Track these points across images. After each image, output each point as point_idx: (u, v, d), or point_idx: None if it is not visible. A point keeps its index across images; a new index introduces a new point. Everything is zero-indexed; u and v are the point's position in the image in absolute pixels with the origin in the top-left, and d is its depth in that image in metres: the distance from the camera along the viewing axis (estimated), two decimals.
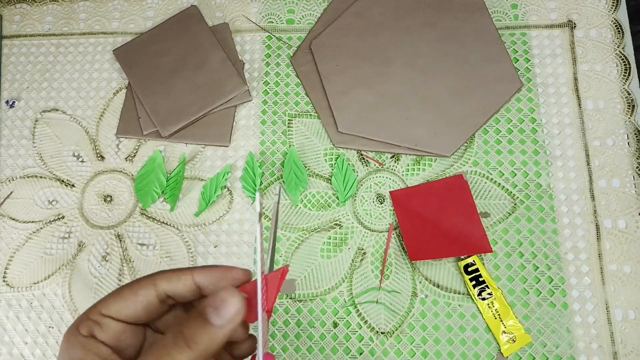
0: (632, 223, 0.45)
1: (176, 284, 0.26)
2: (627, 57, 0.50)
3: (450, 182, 0.46)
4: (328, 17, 0.53)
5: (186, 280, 0.26)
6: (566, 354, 0.42)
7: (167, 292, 0.26)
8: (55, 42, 0.55)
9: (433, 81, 0.49)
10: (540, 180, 0.47)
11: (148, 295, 0.26)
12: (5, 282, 0.47)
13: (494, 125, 0.49)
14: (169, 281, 0.26)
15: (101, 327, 0.25)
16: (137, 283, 0.26)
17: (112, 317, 0.25)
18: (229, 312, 0.23)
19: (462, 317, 0.44)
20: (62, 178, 0.50)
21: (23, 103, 0.53)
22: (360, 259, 0.46)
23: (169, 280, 0.26)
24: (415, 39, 0.50)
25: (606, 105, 0.49)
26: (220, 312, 0.23)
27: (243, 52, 0.53)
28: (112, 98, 0.52)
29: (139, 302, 0.25)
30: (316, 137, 0.50)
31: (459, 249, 0.44)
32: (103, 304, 0.25)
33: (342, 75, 0.50)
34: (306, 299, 0.45)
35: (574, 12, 0.52)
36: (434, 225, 0.45)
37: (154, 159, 0.49)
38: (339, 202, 0.47)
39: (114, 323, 0.25)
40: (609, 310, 0.43)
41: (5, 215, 0.49)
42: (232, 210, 0.48)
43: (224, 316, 0.23)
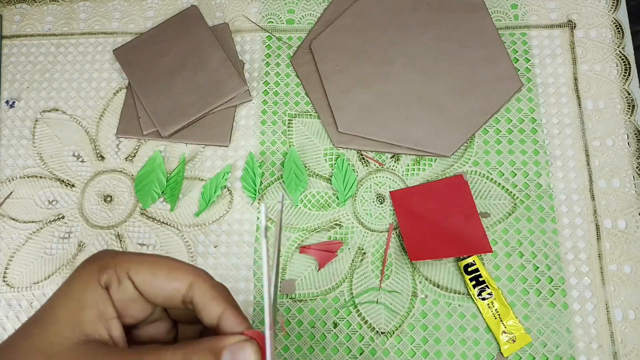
0: (632, 223, 0.45)
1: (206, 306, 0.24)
2: (627, 57, 0.50)
3: (450, 182, 0.46)
4: (328, 17, 0.53)
5: (216, 310, 0.24)
6: (566, 354, 0.42)
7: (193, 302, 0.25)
8: (55, 42, 0.55)
9: (433, 81, 0.49)
10: (540, 180, 0.47)
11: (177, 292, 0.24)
12: (5, 282, 0.47)
13: (494, 125, 0.49)
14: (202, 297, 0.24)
15: (119, 286, 0.24)
16: (176, 270, 0.24)
17: (134, 283, 0.24)
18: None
19: (462, 317, 0.44)
20: (62, 178, 0.50)
21: (23, 103, 0.53)
22: (360, 259, 0.46)
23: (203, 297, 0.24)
24: (415, 39, 0.50)
25: (606, 105, 0.49)
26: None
27: (243, 52, 0.53)
28: (112, 98, 0.52)
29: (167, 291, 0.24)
30: (316, 137, 0.50)
31: (459, 249, 0.44)
32: (135, 267, 0.24)
33: (342, 75, 0.50)
34: (306, 299, 0.45)
35: (574, 12, 0.52)
36: (434, 225, 0.45)
37: (154, 159, 0.49)
38: (339, 202, 0.47)
39: (133, 290, 0.24)
40: (609, 310, 0.43)
41: (5, 215, 0.49)
42: (232, 210, 0.48)
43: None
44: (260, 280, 0.46)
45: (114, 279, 0.24)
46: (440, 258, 0.44)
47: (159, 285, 0.24)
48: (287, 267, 0.46)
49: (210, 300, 0.24)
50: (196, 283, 0.24)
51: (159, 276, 0.24)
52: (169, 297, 0.25)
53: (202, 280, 0.25)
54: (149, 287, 0.24)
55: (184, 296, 0.25)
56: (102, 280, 0.23)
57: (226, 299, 0.25)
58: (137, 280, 0.24)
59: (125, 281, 0.24)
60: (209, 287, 0.24)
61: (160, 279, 0.24)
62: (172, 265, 0.25)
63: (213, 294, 0.24)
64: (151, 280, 0.24)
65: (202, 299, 0.24)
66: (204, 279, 0.25)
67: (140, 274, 0.24)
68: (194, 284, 0.24)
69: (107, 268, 0.24)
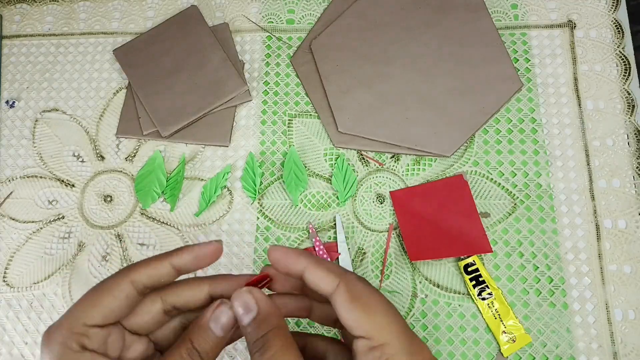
0: (632, 223, 0.45)
1: (155, 275, 0.26)
2: (627, 57, 0.50)
3: (450, 182, 0.46)
4: (328, 17, 0.53)
5: (165, 268, 0.27)
6: (566, 354, 0.42)
7: (145, 284, 0.26)
8: (55, 42, 0.55)
9: (433, 81, 0.49)
10: (540, 180, 0.47)
11: (128, 295, 0.26)
12: (5, 282, 0.47)
13: (494, 125, 0.49)
14: (147, 275, 0.26)
15: (89, 338, 0.25)
16: (113, 285, 0.26)
17: (97, 325, 0.25)
18: (229, 323, 0.27)
19: (462, 317, 0.44)
20: (62, 178, 0.50)
21: (23, 103, 0.53)
22: (360, 259, 0.46)
23: (147, 275, 0.26)
24: (415, 39, 0.50)
25: (606, 105, 0.49)
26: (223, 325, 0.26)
27: (243, 52, 0.53)
28: (112, 98, 0.52)
29: (121, 303, 0.26)
30: (316, 137, 0.50)
31: (459, 249, 0.44)
32: (85, 313, 0.25)
33: (342, 75, 0.50)
34: None
35: (574, 12, 0.52)
36: (434, 225, 0.45)
37: (154, 159, 0.49)
38: (339, 202, 0.47)
39: (100, 330, 0.26)
40: (609, 310, 0.43)
41: (5, 215, 0.49)
42: (232, 210, 0.48)
43: (225, 328, 0.26)
44: None
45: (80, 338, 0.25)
46: (441, 258, 0.44)
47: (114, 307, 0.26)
48: None
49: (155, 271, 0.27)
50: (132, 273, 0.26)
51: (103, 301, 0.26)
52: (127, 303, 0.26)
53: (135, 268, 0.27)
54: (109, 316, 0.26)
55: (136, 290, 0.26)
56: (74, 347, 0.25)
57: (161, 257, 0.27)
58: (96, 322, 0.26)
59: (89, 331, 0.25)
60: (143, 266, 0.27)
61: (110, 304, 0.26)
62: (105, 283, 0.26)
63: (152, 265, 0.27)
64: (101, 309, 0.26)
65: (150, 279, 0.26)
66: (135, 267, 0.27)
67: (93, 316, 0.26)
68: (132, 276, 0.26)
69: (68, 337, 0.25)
